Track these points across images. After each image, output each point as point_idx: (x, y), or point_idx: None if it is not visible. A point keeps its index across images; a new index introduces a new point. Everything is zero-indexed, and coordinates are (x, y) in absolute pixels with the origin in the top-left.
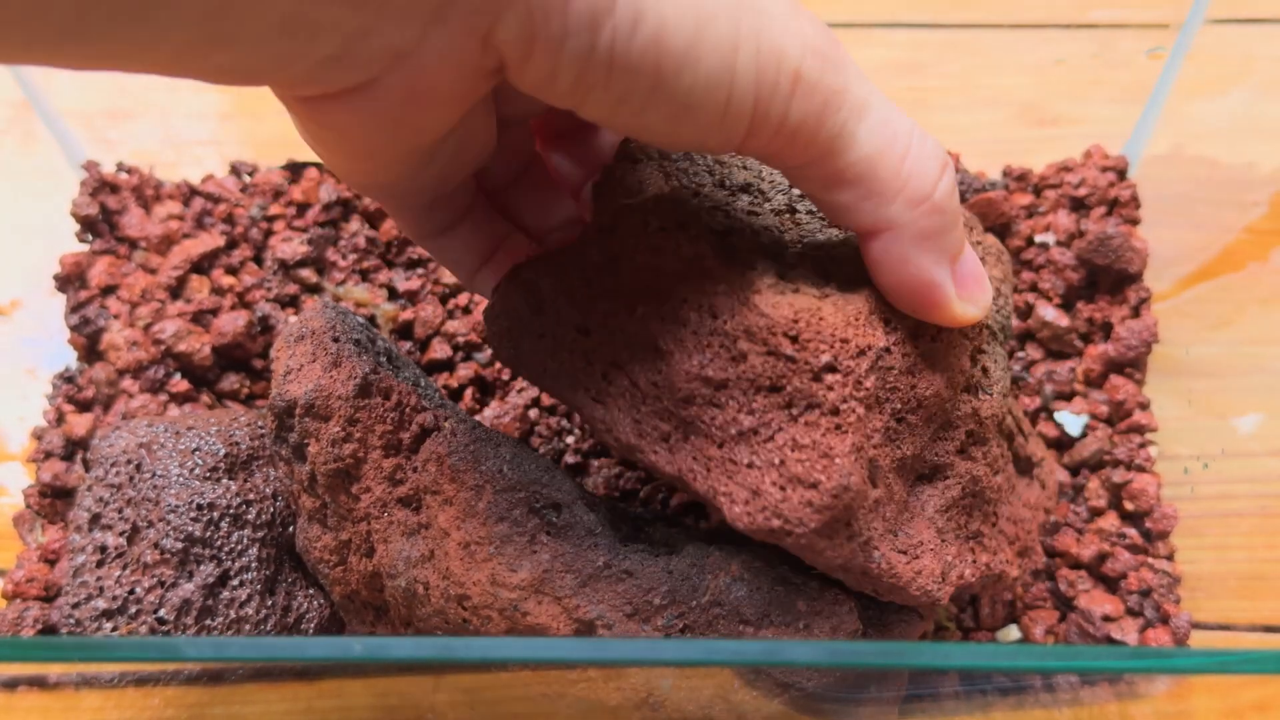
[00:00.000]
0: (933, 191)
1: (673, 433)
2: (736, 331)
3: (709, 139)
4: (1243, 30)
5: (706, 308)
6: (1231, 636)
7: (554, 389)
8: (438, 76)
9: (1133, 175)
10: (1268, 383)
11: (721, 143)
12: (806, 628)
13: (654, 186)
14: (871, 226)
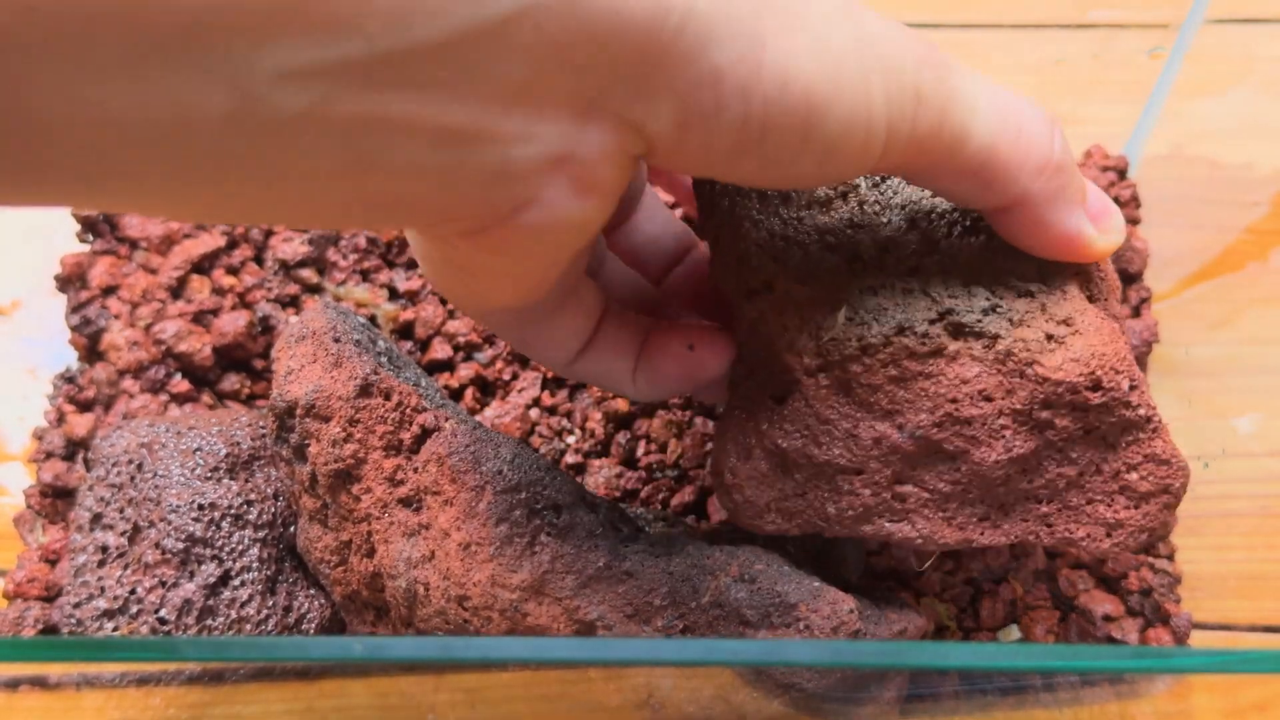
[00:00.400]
0: (1051, 153)
1: (991, 511)
2: (1028, 405)
3: (847, 171)
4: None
5: (975, 396)
6: (1231, 636)
7: (838, 531)
8: (598, 174)
9: (1133, 175)
10: (1268, 383)
11: (856, 172)
12: (806, 628)
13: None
14: (1003, 205)
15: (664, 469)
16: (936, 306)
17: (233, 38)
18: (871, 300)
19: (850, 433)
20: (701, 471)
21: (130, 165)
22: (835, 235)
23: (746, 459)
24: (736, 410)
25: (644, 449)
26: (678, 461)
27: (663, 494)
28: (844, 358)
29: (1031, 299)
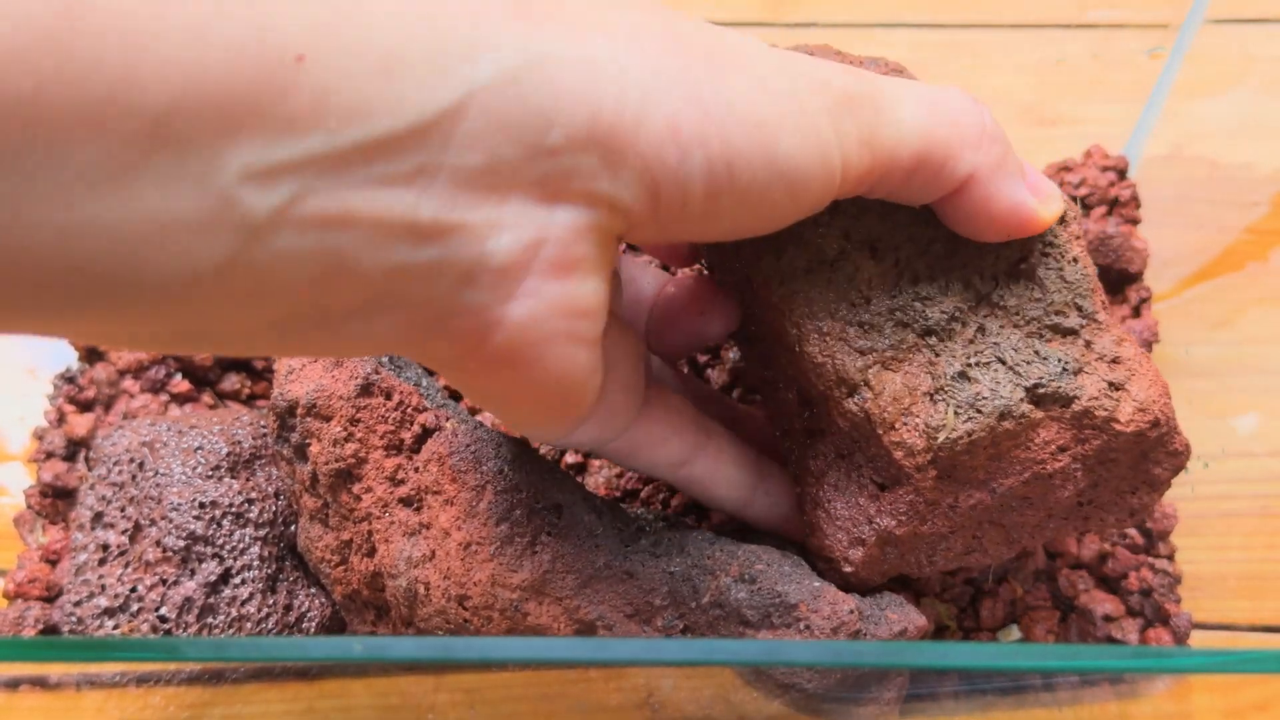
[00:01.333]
0: (984, 125)
1: (1043, 524)
2: (1100, 451)
3: (820, 195)
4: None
5: (1056, 452)
6: (1231, 636)
7: (923, 574)
8: (574, 252)
9: (1132, 175)
10: (1268, 383)
11: (827, 196)
12: (807, 628)
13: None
14: (954, 187)
15: None
16: (1021, 381)
17: (195, 138)
18: (966, 389)
19: (951, 506)
20: None
21: (110, 285)
22: (905, 311)
23: (860, 546)
24: (833, 497)
25: None
26: None
27: (663, 494)
28: (953, 453)
29: (1076, 337)
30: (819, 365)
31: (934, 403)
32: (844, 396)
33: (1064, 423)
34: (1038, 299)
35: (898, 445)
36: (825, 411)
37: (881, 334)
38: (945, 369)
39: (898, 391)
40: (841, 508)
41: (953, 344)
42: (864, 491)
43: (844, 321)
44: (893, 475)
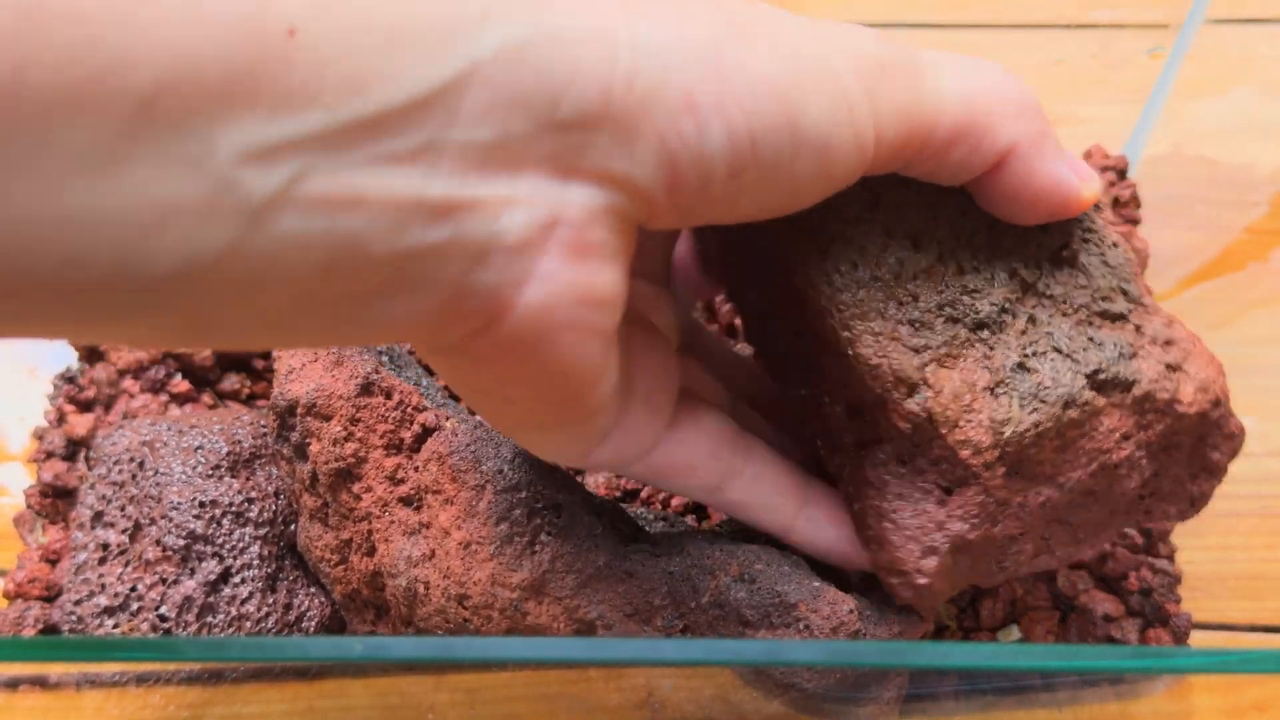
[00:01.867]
0: (1025, 95)
1: (1107, 519)
2: (1163, 435)
3: (853, 168)
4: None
5: (1120, 439)
6: (1231, 636)
7: (993, 582)
8: (590, 236)
9: (1133, 175)
10: (1268, 383)
11: (859, 168)
12: (806, 628)
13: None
14: (994, 161)
15: None
16: (1080, 368)
17: (188, 117)
18: (1027, 380)
19: (1021, 504)
20: None
21: (108, 279)
22: (954, 306)
23: (933, 555)
24: (898, 507)
25: None
26: None
27: (663, 494)
28: (1020, 447)
29: (1125, 321)
30: (875, 367)
31: (995, 397)
32: (904, 397)
33: (1126, 408)
34: (1083, 285)
35: (964, 443)
36: (883, 416)
37: (934, 330)
38: (1002, 361)
39: (957, 389)
40: (909, 517)
41: (1006, 336)
42: (930, 497)
43: (895, 320)
44: (959, 476)
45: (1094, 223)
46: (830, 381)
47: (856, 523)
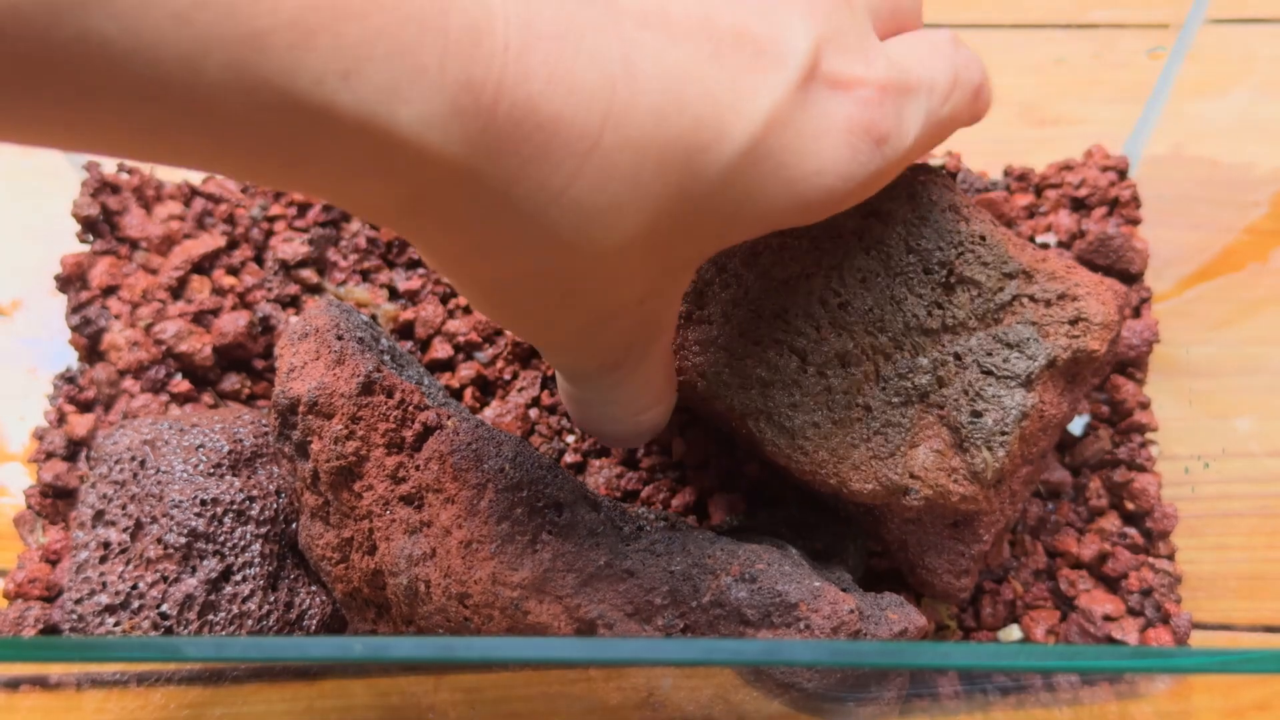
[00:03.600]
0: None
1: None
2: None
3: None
4: (1243, 30)
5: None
6: (1231, 636)
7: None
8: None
9: (1133, 175)
10: (1268, 383)
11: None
12: (807, 629)
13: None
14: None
15: (665, 469)
16: (1016, 381)
17: None
18: (980, 424)
19: (1010, 491)
20: (702, 472)
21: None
22: (899, 394)
23: (966, 575)
24: (924, 556)
25: (644, 449)
26: (681, 460)
27: (664, 494)
28: (1001, 472)
29: (1018, 301)
30: (872, 492)
31: (964, 451)
32: (902, 497)
33: (1053, 379)
34: (977, 295)
35: (960, 500)
36: (886, 511)
37: (896, 427)
38: (956, 417)
39: (932, 461)
40: (934, 559)
41: (947, 390)
42: (943, 534)
43: (865, 442)
44: (964, 514)
45: (959, 233)
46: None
47: (891, 552)
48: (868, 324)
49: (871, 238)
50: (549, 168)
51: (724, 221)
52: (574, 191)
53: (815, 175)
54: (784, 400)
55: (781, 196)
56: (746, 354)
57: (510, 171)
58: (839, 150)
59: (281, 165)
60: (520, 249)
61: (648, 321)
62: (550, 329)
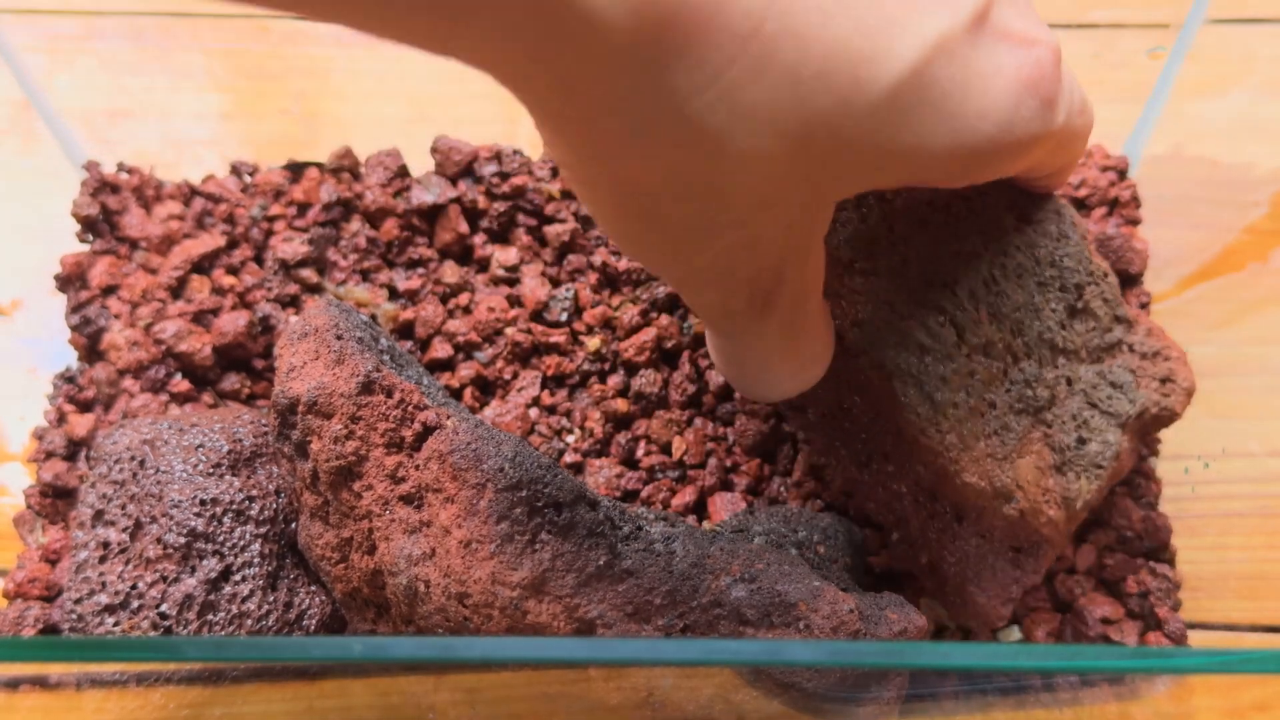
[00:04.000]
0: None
1: None
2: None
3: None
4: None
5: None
6: (1231, 636)
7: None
8: None
9: (1133, 175)
10: (1268, 383)
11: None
12: (807, 628)
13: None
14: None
15: (665, 470)
16: (1115, 420)
17: None
18: (1085, 452)
19: (1065, 539)
20: (702, 472)
21: None
22: (1021, 400)
23: (1010, 603)
24: (980, 573)
25: (644, 449)
26: (681, 460)
27: (664, 494)
28: (1086, 508)
29: (1121, 345)
30: (980, 489)
31: (1062, 474)
32: (1002, 504)
33: (1134, 431)
34: (1093, 328)
35: (1046, 523)
36: (976, 515)
37: (1010, 432)
38: (1062, 439)
39: (1033, 476)
40: (989, 579)
41: (1057, 409)
42: (1003, 558)
43: (984, 437)
44: (1032, 541)
45: (1091, 263)
46: (907, 474)
47: (928, 572)
48: (1014, 322)
49: (1025, 239)
50: (709, 48)
51: (880, 150)
52: (732, 75)
53: (978, 118)
54: (936, 371)
55: (941, 133)
56: (910, 314)
57: (670, 48)
58: (1005, 97)
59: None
60: (668, 141)
61: (795, 252)
62: (693, 252)
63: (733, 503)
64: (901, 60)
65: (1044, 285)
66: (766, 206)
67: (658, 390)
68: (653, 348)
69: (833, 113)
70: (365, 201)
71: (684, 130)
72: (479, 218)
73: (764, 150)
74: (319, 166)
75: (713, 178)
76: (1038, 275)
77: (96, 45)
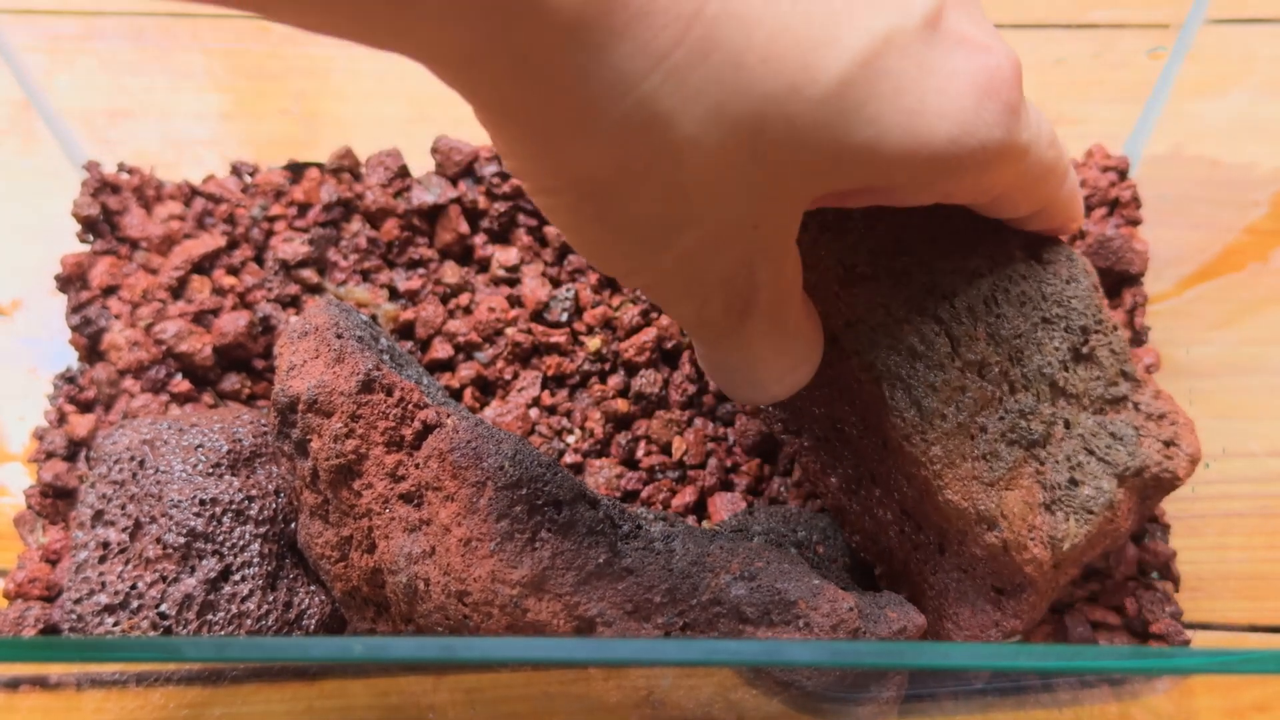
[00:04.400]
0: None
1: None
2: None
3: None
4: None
5: (1127, 517)
6: (1231, 636)
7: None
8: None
9: (1133, 175)
10: (1268, 383)
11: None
12: (806, 626)
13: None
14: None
15: (665, 470)
16: (1111, 469)
17: None
18: (1077, 494)
19: (1054, 586)
20: (702, 472)
21: None
22: (1014, 431)
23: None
24: (958, 610)
25: (644, 449)
26: (681, 460)
27: (664, 494)
28: (1073, 552)
29: (1126, 402)
30: (962, 510)
31: (1051, 513)
32: (984, 531)
33: (1133, 489)
34: (1098, 377)
35: (1028, 561)
36: (958, 543)
37: (1000, 460)
38: (1054, 478)
39: (1020, 510)
40: (968, 617)
41: (1052, 448)
42: (985, 597)
43: (972, 459)
44: (1015, 583)
45: (1101, 312)
46: (889, 498)
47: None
48: (1012, 349)
49: (1033, 273)
50: (654, 29)
51: (837, 144)
52: (677, 58)
53: (938, 117)
54: (926, 378)
55: (899, 129)
56: (905, 318)
57: (616, 28)
58: (965, 99)
59: (388, 7)
60: (618, 127)
61: (765, 255)
62: (654, 254)
63: (733, 503)
64: (850, 49)
65: (1049, 322)
66: (724, 201)
67: (658, 390)
68: (653, 348)
69: (784, 100)
70: (366, 202)
71: (633, 115)
72: (479, 218)
73: (714, 139)
74: (319, 167)
75: (665, 169)
76: (1043, 310)
77: (96, 45)
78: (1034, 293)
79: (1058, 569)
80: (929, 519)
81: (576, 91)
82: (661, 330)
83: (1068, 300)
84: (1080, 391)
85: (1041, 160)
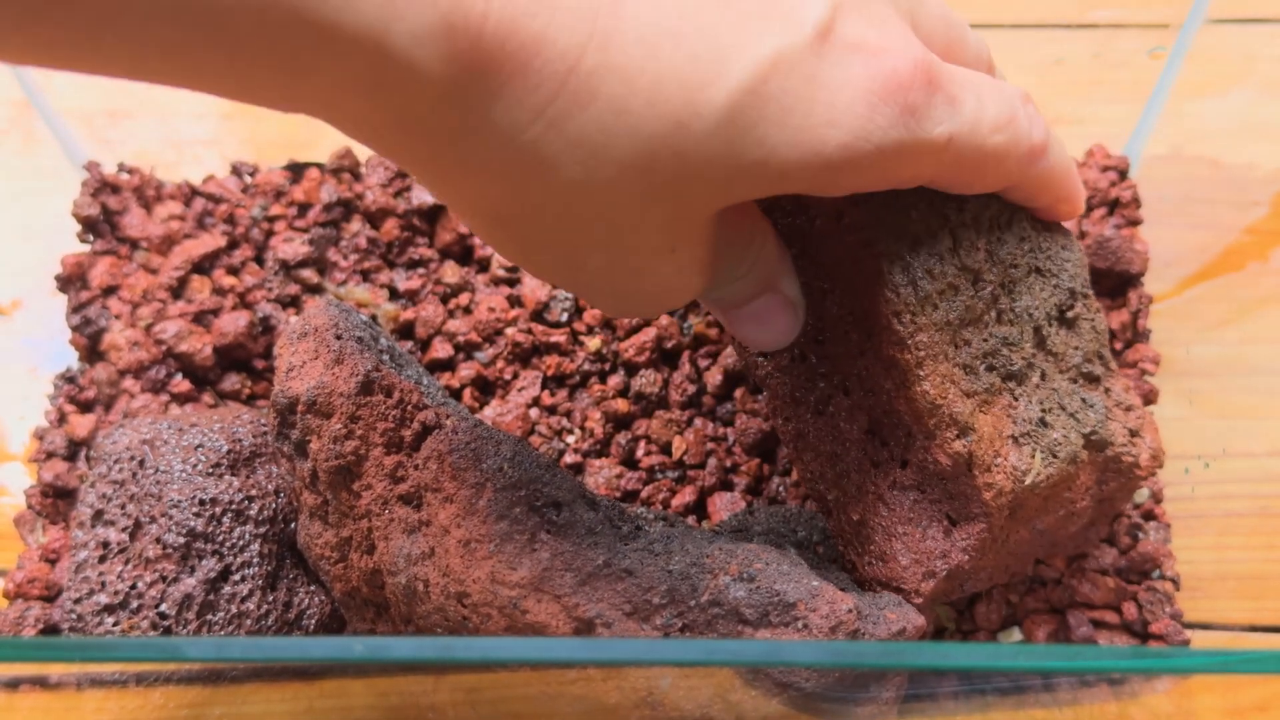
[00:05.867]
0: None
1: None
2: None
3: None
4: (1243, 30)
5: (1084, 492)
6: (1231, 636)
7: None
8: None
9: (1133, 175)
10: (1268, 383)
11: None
12: (805, 628)
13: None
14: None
15: (665, 470)
16: (1080, 428)
17: None
18: (1047, 435)
19: (1004, 541)
20: (702, 472)
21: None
22: (995, 356)
23: (932, 579)
24: (908, 531)
25: (644, 449)
26: (681, 460)
27: (663, 494)
28: (1032, 493)
29: (1099, 384)
30: (937, 407)
31: (1019, 446)
32: (954, 437)
33: (1095, 466)
34: (1077, 347)
35: (989, 486)
36: (923, 448)
37: (978, 377)
38: (1025, 414)
39: (990, 434)
40: (917, 541)
41: (1026, 389)
42: (936, 525)
43: (953, 363)
44: (969, 513)
45: (1089, 287)
46: (861, 401)
47: (855, 532)
48: (1006, 276)
49: (1034, 226)
50: (528, 88)
51: (730, 167)
52: (555, 109)
53: (827, 126)
54: (925, 263)
55: (789, 145)
56: (913, 204)
57: (491, 88)
58: (856, 106)
59: (284, 81)
60: (508, 171)
61: (697, 267)
62: (572, 268)
63: (732, 502)
64: (735, 79)
65: (1041, 273)
66: (629, 230)
67: (658, 390)
68: (653, 348)
69: (671, 137)
70: (366, 202)
71: (519, 160)
72: None
73: (603, 178)
74: (319, 167)
75: (558, 206)
76: (1038, 260)
77: None
78: (1033, 241)
79: (1013, 516)
80: (899, 421)
81: (460, 144)
82: (661, 330)
83: (1061, 261)
84: (1060, 353)
85: (978, 146)
